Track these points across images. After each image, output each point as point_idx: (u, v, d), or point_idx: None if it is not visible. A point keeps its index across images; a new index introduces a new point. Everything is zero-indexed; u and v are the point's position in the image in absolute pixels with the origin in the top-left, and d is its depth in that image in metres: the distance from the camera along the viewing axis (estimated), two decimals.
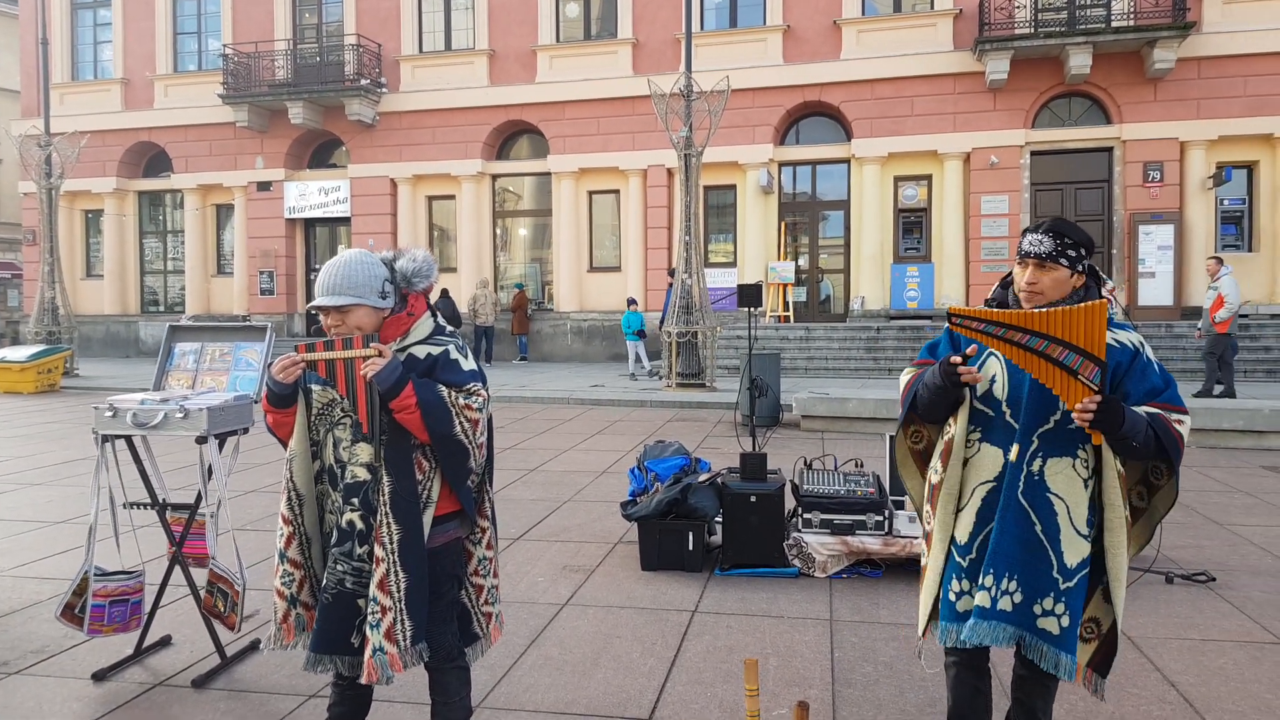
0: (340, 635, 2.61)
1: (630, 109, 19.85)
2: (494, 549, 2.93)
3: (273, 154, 22.37)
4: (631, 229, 20.37)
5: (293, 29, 22.36)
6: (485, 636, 2.93)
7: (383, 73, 21.51)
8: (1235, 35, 17.21)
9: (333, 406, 2.69)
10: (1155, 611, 4.60)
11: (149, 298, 24.45)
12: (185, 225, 23.30)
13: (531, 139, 21.47)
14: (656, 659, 4.03)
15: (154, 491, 4.06)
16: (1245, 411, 9.58)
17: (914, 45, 18.69)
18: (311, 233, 23.18)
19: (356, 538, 2.60)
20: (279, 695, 3.65)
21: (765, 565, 5.24)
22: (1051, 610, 2.56)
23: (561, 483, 7.97)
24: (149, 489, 4.07)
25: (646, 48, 20.14)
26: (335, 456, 2.68)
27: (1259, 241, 17.67)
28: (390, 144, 21.59)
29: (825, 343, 17.83)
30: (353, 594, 2.61)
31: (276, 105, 21.50)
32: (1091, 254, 2.61)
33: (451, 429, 2.57)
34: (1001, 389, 2.61)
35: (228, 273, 23.31)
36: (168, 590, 4.16)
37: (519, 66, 20.85)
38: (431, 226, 22.22)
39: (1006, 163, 18.29)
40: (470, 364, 2.72)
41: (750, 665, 2.67)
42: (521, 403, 13.99)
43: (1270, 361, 15.60)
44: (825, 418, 10.95)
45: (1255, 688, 3.70)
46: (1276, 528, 6.29)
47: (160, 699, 3.66)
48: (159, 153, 23.53)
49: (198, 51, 23.31)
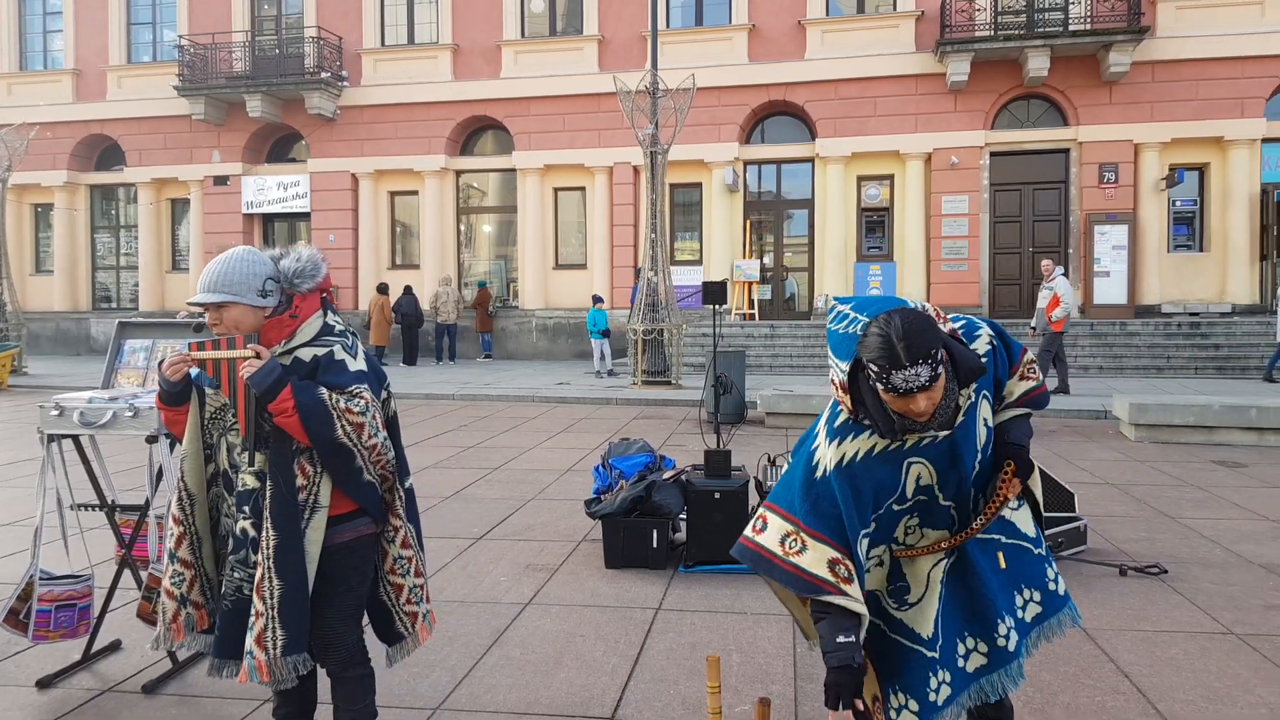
0: (240, 641, 2.59)
1: (596, 106, 19.80)
2: (412, 548, 2.86)
3: (230, 148, 22.03)
4: (597, 226, 20.32)
5: (251, 20, 22.03)
6: (411, 635, 2.89)
7: (344, 66, 21.27)
8: (1187, 40, 17.54)
9: (225, 411, 2.66)
10: (1109, 604, 4.67)
11: (101, 294, 23.99)
12: (139, 220, 22.85)
13: (496, 135, 21.34)
14: (620, 657, 4.02)
15: (102, 493, 3.97)
16: (1196, 408, 9.77)
17: (877, 46, 18.83)
18: (270, 228, 22.86)
19: (249, 545, 2.58)
20: (231, 700, 3.59)
21: (729, 562, 5.25)
22: (1006, 634, 2.43)
23: (525, 481, 7.93)
24: (97, 490, 3.98)
25: (612, 45, 20.10)
26: (230, 461, 2.65)
27: (1209, 242, 18.01)
28: (352, 138, 21.35)
29: (789, 340, 17.92)
30: (249, 600, 2.59)
31: (234, 98, 21.17)
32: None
33: (333, 432, 2.52)
34: (930, 476, 2.37)
35: (183, 269, 22.91)
36: (117, 594, 4.07)
37: (483, 61, 20.71)
38: (394, 223, 22.01)
39: (967, 163, 18.49)
40: (358, 364, 2.66)
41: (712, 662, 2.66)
42: (485, 401, 13.91)
43: (1220, 359, 15.92)
44: (789, 415, 11.01)
45: (1205, 677, 3.77)
46: (1226, 521, 6.41)
47: (109, 706, 3.58)
48: (112, 145, 23.08)
49: (152, 42, 22.87)
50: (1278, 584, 5.00)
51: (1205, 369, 15.83)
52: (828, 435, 2.38)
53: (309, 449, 2.57)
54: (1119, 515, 6.61)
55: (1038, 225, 18.67)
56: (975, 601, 2.43)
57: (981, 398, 2.38)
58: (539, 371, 17.68)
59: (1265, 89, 17.38)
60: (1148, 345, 16.45)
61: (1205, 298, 17.86)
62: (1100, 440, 9.97)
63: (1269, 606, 4.63)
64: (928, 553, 2.43)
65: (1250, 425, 9.56)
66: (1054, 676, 3.78)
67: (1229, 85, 17.46)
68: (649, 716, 3.45)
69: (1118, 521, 6.42)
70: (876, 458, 2.31)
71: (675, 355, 14.94)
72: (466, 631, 4.33)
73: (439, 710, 3.50)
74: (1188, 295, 17.95)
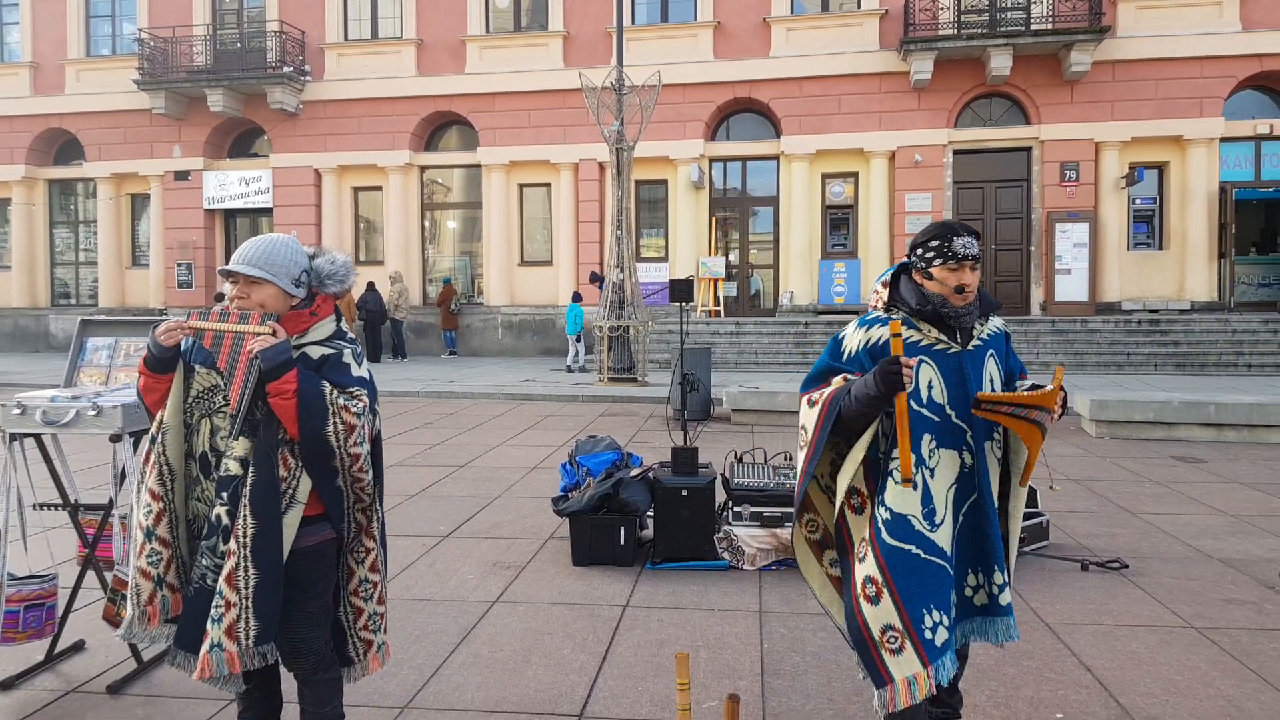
0: (199, 633, 2.53)
1: (562, 102, 19.75)
2: (380, 573, 2.84)
3: (191, 142, 21.72)
4: (563, 223, 20.27)
5: (212, 14, 21.72)
6: (361, 663, 2.85)
7: (306, 60, 21.04)
8: (1147, 40, 17.81)
9: (214, 392, 2.62)
10: (1071, 598, 4.74)
11: (60, 290, 23.57)
12: (98, 215, 22.47)
13: (461, 130, 21.22)
14: (588, 654, 4.02)
15: (65, 492, 3.91)
16: (1156, 404, 9.93)
17: (841, 44, 18.95)
18: (232, 224, 22.57)
19: (221, 533, 2.54)
20: (198, 700, 3.55)
21: (696, 559, 5.27)
22: (1001, 585, 2.71)
23: (492, 479, 7.90)
24: (60, 489, 3.92)
25: (578, 40, 20.06)
26: (210, 444, 2.61)
27: (1169, 240, 18.32)
28: (314, 133, 21.13)
29: (755, 337, 17.99)
30: (211, 591, 2.53)
31: (195, 92, 20.87)
32: None
33: (324, 426, 2.51)
34: (941, 394, 2.67)
35: (143, 264, 22.57)
36: (81, 594, 4.01)
37: (448, 56, 20.58)
38: (357, 218, 21.81)
39: (930, 161, 18.66)
40: (361, 371, 2.67)
41: (681, 659, 2.67)
42: (451, 398, 13.84)
43: (1179, 355, 16.19)
44: (755, 411, 11.06)
45: (1165, 670, 3.84)
46: (1186, 516, 6.53)
47: (74, 706, 3.53)
48: (70, 140, 22.67)
49: (112, 35, 22.48)
50: (1236, 578, 5.10)
51: (1165, 365, 16.10)
52: (858, 324, 2.80)
53: (292, 441, 2.55)
54: (1081, 511, 6.71)
55: (1000, 223, 18.89)
56: (983, 542, 2.69)
57: (989, 356, 2.77)
58: (504, 368, 17.62)
59: (1223, 88, 17.69)
60: (1108, 342, 16.70)
61: (1165, 295, 18.16)
62: (1062, 436, 10.11)
63: (1228, 600, 4.73)
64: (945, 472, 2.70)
65: (1209, 421, 9.74)
66: (1017, 670, 3.83)
67: (1188, 85, 17.75)
68: (617, 713, 3.46)
69: (1079, 517, 6.52)
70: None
71: (641, 352, 14.95)
72: (434, 630, 4.31)
73: (406, 709, 3.48)
74: (1147, 292, 18.25)
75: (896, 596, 2.56)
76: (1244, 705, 3.51)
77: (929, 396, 2.65)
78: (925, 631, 2.53)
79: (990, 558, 2.69)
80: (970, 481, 2.69)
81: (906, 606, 2.55)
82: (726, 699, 2.59)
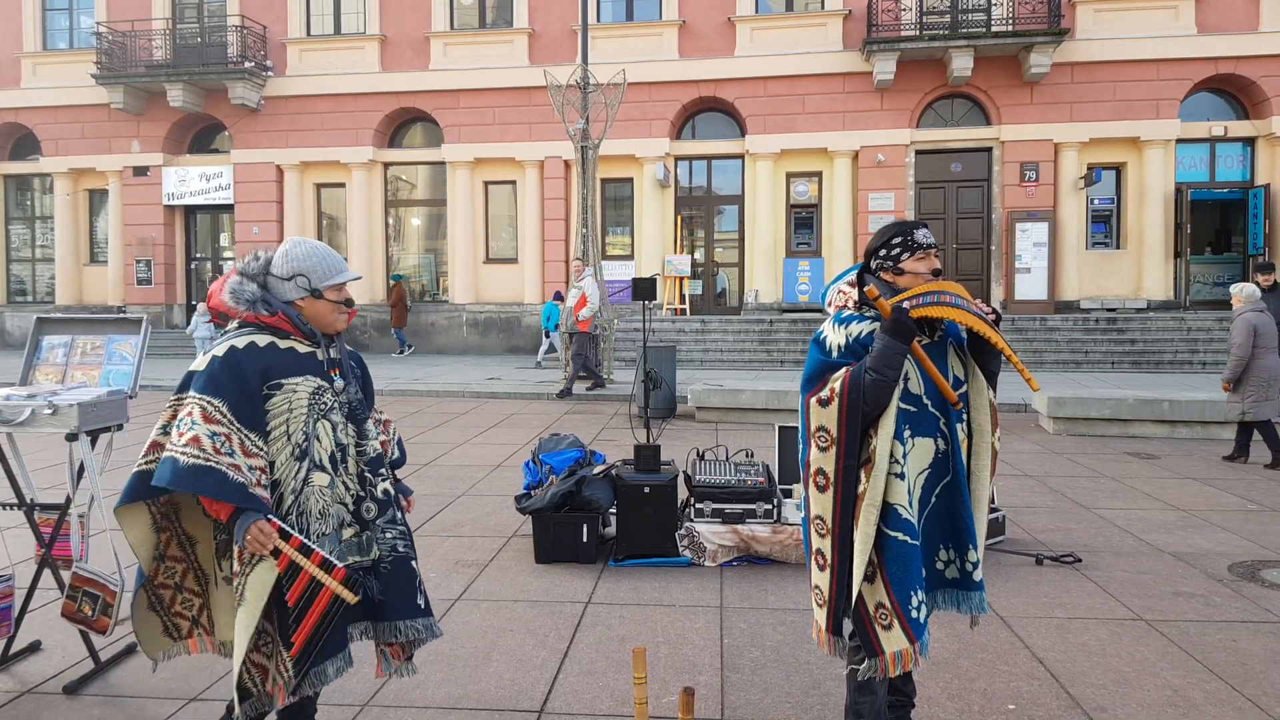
0: (410, 599, 2.84)
1: (527, 99, 19.71)
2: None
3: (150, 138, 21.41)
4: (528, 220, 20.23)
5: (172, 8, 21.42)
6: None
7: (268, 55, 20.81)
8: (1105, 42, 18.10)
9: (321, 394, 2.74)
10: (1025, 592, 4.84)
11: (15, 287, 23.15)
12: (56, 211, 22.09)
13: (425, 127, 21.10)
14: (549, 651, 4.05)
15: (20, 491, 3.87)
16: (1112, 401, 10.12)
17: (805, 44, 19.07)
18: (192, 220, 22.29)
19: (394, 503, 2.87)
20: (157, 700, 3.53)
21: (658, 555, 5.31)
22: (975, 563, 2.86)
23: (455, 477, 7.89)
24: (15, 488, 3.88)
25: (543, 38, 20.02)
26: (336, 440, 2.75)
27: (1126, 239, 18.64)
28: (276, 129, 20.92)
29: (720, 335, 18.07)
30: (406, 557, 2.85)
31: (154, 87, 20.58)
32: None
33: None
34: (918, 385, 2.81)
35: (102, 261, 22.24)
36: (37, 594, 3.97)
37: (412, 53, 20.45)
38: (320, 215, 21.62)
39: (893, 161, 18.85)
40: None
41: (638, 654, 2.71)
42: (415, 396, 13.78)
43: (1136, 353, 16.48)
44: (719, 409, 11.11)
45: (1115, 662, 3.93)
46: (1138, 511, 6.67)
47: (28, 708, 3.50)
48: (27, 134, 22.27)
49: (69, 29, 22.11)
50: (1186, 572, 5.22)
51: (1122, 363, 16.38)
52: (834, 322, 2.91)
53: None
54: (1037, 506, 6.83)
55: (961, 222, 19.11)
56: (956, 521, 2.84)
57: (951, 345, 2.90)
58: (469, 366, 17.56)
59: (1180, 90, 18.02)
60: (1067, 340, 16.97)
61: (1122, 294, 18.48)
62: (1020, 433, 10.27)
63: (1177, 594, 4.84)
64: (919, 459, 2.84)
65: (1163, 418, 9.94)
66: (971, 663, 3.91)
67: (1145, 87, 18.07)
68: (577, 709, 3.49)
69: (1035, 512, 6.63)
70: (875, 339, 2.78)
71: (607, 350, 14.97)
72: None
73: (367, 706, 3.49)
74: (1105, 291, 18.56)
75: (886, 580, 2.73)
76: (1189, 694, 3.61)
77: (905, 389, 2.79)
78: (911, 611, 2.71)
79: (963, 535, 2.85)
80: (945, 465, 2.84)
81: (895, 590, 2.72)
82: (681, 692, 2.64)
